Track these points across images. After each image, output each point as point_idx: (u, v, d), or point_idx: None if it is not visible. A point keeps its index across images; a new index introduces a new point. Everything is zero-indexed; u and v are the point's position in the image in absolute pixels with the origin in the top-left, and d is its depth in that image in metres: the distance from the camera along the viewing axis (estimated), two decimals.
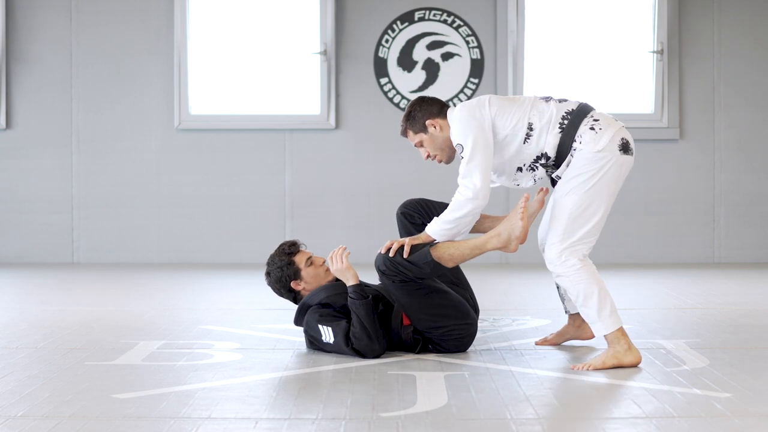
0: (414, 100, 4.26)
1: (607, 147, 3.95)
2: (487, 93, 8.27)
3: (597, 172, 3.96)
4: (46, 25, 8.26)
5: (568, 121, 4.00)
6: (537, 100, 4.10)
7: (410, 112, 4.22)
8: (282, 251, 4.33)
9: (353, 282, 4.10)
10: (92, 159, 8.31)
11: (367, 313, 4.03)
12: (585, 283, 3.95)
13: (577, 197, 3.97)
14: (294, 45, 8.30)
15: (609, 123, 4.01)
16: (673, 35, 8.24)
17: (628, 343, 3.94)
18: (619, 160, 3.97)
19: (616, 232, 8.31)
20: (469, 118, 4.05)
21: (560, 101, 4.08)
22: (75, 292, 6.52)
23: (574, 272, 3.96)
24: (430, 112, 4.20)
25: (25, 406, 3.31)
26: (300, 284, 4.31)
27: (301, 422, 3.12)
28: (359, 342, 4.04)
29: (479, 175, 3.98)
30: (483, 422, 3.16)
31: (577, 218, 3.97)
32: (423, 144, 4.22)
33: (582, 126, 3.99)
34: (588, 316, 3.98)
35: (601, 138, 3.96)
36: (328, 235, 8.20)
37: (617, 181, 4.00)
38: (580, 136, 3.97)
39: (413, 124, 4.22)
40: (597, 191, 3.97)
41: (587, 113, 4.03)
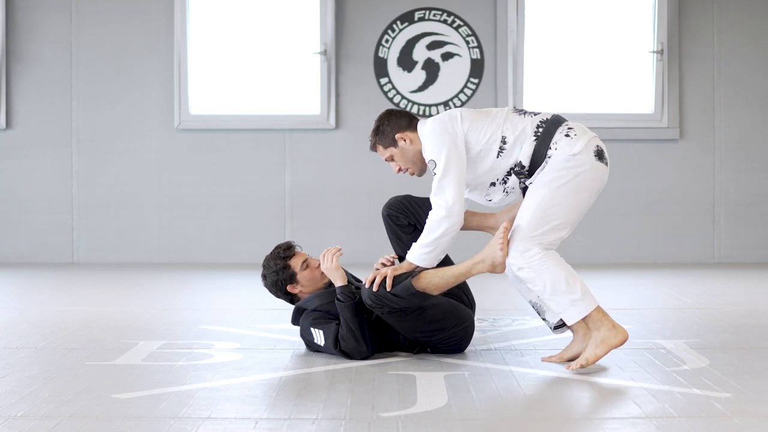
0: (382, 114, 4.19)
1: (583, 151, 3.90)
2: (487, 93, 8.27)
3: (570, 174, 3.88)
4: (46, 25, 8.26)
5: (542, 130, 3.95)
6: (510, 113, 4.02)
7: (378, 126, 4.16)
8: (277, 255, 4.29)
9: (341, 283, 4.10)
10: (92, 159, 8.31)
11: (353, 315, 4.03)
12: (550, 271, 3.83)
13: (548, 191, 3.88)
14: (294, 45, 8.30)
15: (584, 131, 3.98)
16: (673, 35, 8.24)
17: (611, 322, 3.84)
18: (593, 166, 3.90)
19: (616, 232, 8.31)
20: (442, 133, 3.98)
21: (534, 114, 4.03)
22: (75, 292, 6.52)
23: (536, 261, 3.84)
24: (399, 125, 4.13)
25: (25, 406, 3.31)
26: (296, 288, 4.31)
27: (301, 422, 3.12)
28: (346, 344, 4.05)
29: (452, 191, 3.92)
30: (483, 422, 3.16)
31: (544, 212, 3.86)
32: (393, 158, 4.15)
33: (557, 134, 3.94)
34: (559, 305, 3.86)
35: (576, 143, 3.91)
36: (328, 235, 8.20)
37: (590, 188, 3.91)
38: (555, 143, 3.92)
39: (382, 138, 4.15)
40: (568, 191, 3.88)
41: (562, 122, 4.00)
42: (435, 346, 4.16)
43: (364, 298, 4.01)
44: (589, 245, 8.30)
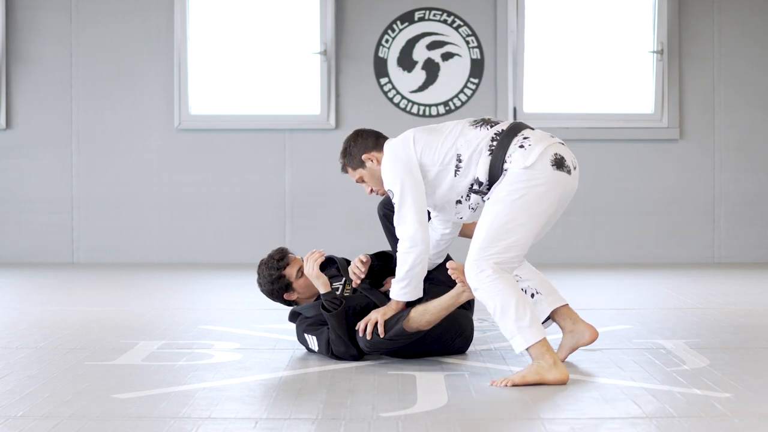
0: (349, 136, 4.15)
1: (537, 162, 3.74)
2: (487, 93, 8.27)
3: (525, 188, 3.72)
4: (46, 25, 8.26)
5: (497, 143, 3.81)
6: (466, 127, 3.91)
7: (346, 148, 4.13)
8: (271, 266, 4.28)
9: (323, 290, 4.11)
10: (92, 159, 8.31)
11: (339, 323, 4.03)
12: (501, 295, 3.68)
13: (501, 208, 3.73)
14: (294, 45, 8.30)
15: (540, 139, 3.81)
16: (673, 35, 8.24)
17: (554, 359, 3.63)
18: (550, 177, 3.74)
19: (616, 232, 8.31)
20: (395, 161, 3.92)
21: (492, 125, 3.90)
22: (75, 292, 6.52)
23: (489, 283, 3.69)
24: (366, 146, 4.09)
25: (25, 406, 3.31)
26: (293, 295, 4.32)
27: (301, 422, 3.12)
28: (337, 348, 4.06)
29: (411, 220, 3.87)
30: (483, 422, 3.16)
31: (498, 230, 3.72)
32: (363, 179, 4.10)
33: (511, 146, 3.79)
34: (506, 331, 3.69)
35: (530, 154, 3.75)
36: (328, 235, 8.20)
37: (548, 200, 3.75)
38: (510, 156, 3.78)
39: (350, 160, 4.12)
40: (523, 207, 3.72)
41: (518, 132, 3.84)
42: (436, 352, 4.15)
43: (360, 345, 4.02)
44: (589, 245, 8.30)
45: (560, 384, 3.60)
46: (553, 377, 3.61)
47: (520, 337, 3.66)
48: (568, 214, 8.22)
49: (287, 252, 4.33)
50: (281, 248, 4.34)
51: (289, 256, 4.31)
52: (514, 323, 3.66)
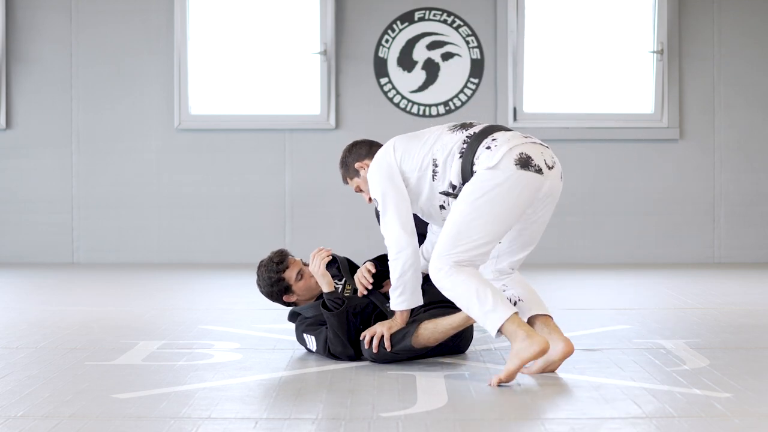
0: (346, 147, 4.21)
1: (501, 163, 3.72)
2: (487, 93, 8.27)
3: (487, 187, 3.72)
4: (46, 25, 8.26)
5: (467, 146, 3.82)
6: (444, 132, 3.92)
7: (343, 159, 4.19)
8: (270, 269, 4.28)
9: (327, 289, 4.10)
10: (92, 159, 8.31)
11: (340, 322, 4.03)
12: (461, 287, 3.68)
13: (464, 207, 3.73)
14: (294, 45, 8.30)
15: (508, 140, 3.79)
16: (673, 35, 8.24)
17: (526, 332, 3.60)
18: (514, 176, 3.71)
19: (616, 232, 8.31)
20: (377, 170, 3.95)
21: (468, 128, 3.90)
22: (75, 292, 6.52)
23: (447, 280, 3.71)
24: (359, 155, 4.14)
25: (25, 406, 3.31)
26: (292, 297, 4.32)
27: (301, 422, 3.12)
28: (334, 348, 4.06)
29: (394, 227, 3.88)
30: (483, 422, 3.16)
31: (460, 229, 3.72)
32: (360, 188, 4.15)
33: (480, 148, 3.79)
34: (478, 319, 3.69)
35: (494, 154, 3.74)
36: (328, 235, 8.20)
37: (511, 199, 3.72)
38: (477, 158, 3.78)
39: (347, 170, 4.18)
40: (485, 205, 3.71)
41: (489, 134, 3.83)
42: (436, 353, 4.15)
43: (365, 355, 4.02)
44: (589, 245, 8.30)
45: (542, 354, 3.58)
46: (531, 352, 3.57)
47: (488, 321, 3.65)
48: (569, 214, 8.24)
49: (287, 255, 4.32)
50: (281, 250, 4.34)
51: (288, 259, 4.30)
52: (479, 310, 3.66)
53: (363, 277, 4.20)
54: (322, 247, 4.20)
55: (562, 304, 5.73)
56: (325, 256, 4.14)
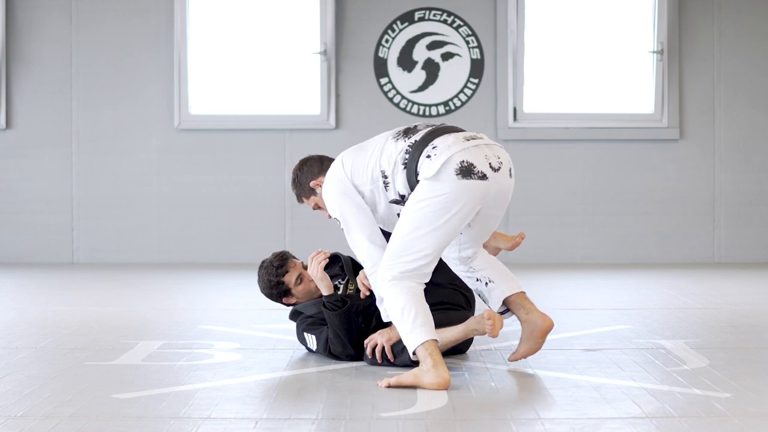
0: (296, 166, 4.16)
1: (440, 173, 3.63)
2: (487, 93, 8.27)
3: (427, 198, 3.65)
4: (46, 25, 8.26)
5: (409, 155, 3.73)
6: (388, 141, 3.83)
7: (294, 179, 4.14)
8: (270, 272, 4.28)
9: (326, 292, 4.09)
10: (92, 159, 8.31)
11: (341, 323, 4.03)
12: (392, 299, 3.67)
13: (405, 219, 3.70)
14: (294, 45, 8.30)
15: (449, 146, 3.67)
16: (673, 35, 8.24)
17: (435, 362, 3.54)
18: (455, 186, 3.62)
19: (616, 232, 8.31)
20: (331, 188, 3.89)
21: (410, 135, 3.79)
22: (75, 292, 6.52)
23: (384, 290, 3.70)
24: (312, 172, 4.10)
25: (25, 406, 3.31)
26: (291, 299, 4.33)
27: (301, 422, 3.12)
28: (335, 347, 4.06)
29: (363, 243, 3.83)
30: (483, 422, 3.16)
31: (401, 241, 3.69)
32: (318, 205, 4.13)
33: (421, 157, 3.69)
34: (398, 326, 3.67)
35: (433, 164, 3.65)
36: (327, 235, 8.19)
37: (455, 209, 3.64)
38: (420, 167, 3.70)
39: (301, 190, 4.13)
40: (425, 217, 3.65)
41: (429, 142, 3.72)
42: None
43: (366, 362, 4.02)
44: (589, 245, 8.30)
45: (437, 389, 3.53)
46: (428, 381, 3.54)
47: (409, 337, 3.63)
48: (569, 214, 8.24)
49: (287, 258, 4.31)
50: (282, 253, 4.33)
51: (289, 263, 4.30)
52: (401, 328, 3.65)
53: (366, 279, 4.20)
54: (320, 249, 4.19)
55: (562, 304, 5.73)
56: (322, 259, 4.12)
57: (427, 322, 3.63)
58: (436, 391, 3.52)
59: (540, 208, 8.19)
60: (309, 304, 4.27)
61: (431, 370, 3.55)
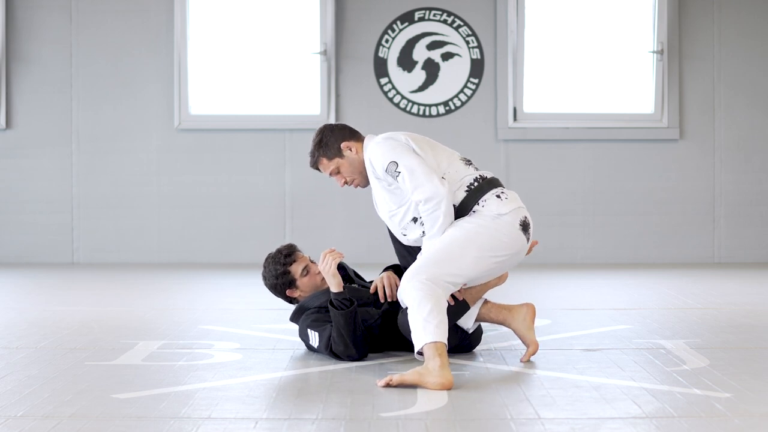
0: (321, 128, 4.15)
1: (509, 215, 3.91)
2: (487, 93, 8.27)
3: (489, 228, 3.87)
4: (46, 25, 8.26)
5: (476, 185, 3.95)
6: (456, 158, 4.03)
7: (321, 139, 4.12)
8: (277, 261, 4.28)
9: (336, 289, 4.07)
10: (92, 159, 8.31)
11: (346, 322, 4.01)
12: (419, 297, 3.72)
13: (458, 233, 3.85)
14: (294, 45, 8.30)
15: (515, 199, 3.99)
16: (673, 35, 8.24)
17: (441, 365, 3.58)
18: (514, 233, 3.91)
19: (616, 232, 8.31)
20: (390, 140, 3.97)
21: (477, 168, 4.05)
22: (75, 292, 6.52)
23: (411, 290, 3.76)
24: (343, 135, 4.11)
25: (25, 406, 3.31)
26: (295, 292, 4.32)
27: (301, 422, 3.12)
28: (337, 347, 4.05)
29: (427, 179, 3.85)
30: (483, 422, 3.16)
31: (451, 255, 3.82)
32: (340, 169, 4.12)
33: (489, 193, 3.95)
34: (415, 321, 3.70)
35: (505, 205, 3.93)
36: (328, 235, 8.20)
37: (500, 251, 3.89)
38: (485, 201, 3.93)
39: (327, 150, 4.11)
40: (479, 241, 3.85)
41: (498, 185, 4.00)
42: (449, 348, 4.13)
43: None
44: (589, 245, 8.30)
45: (440, 389, 3.55)
46: (431, 381, 3.56)
47: (423, 332, 3.66)
48: (569, 214, 8.24)
49: (295, 249, 4.33)
50: (290, 245, 4.35)
51: (296, 254, 4.30)
52: (421, 321, 3.68)
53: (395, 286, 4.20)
54: (333, 248, 4.17)
55: (562, 304, 5.73)
56: (337, 256, 4.10)
57: (441, 325, 3.68)
58: (436, 391, 3.53)
59: (540, 208, 8.18)
60: (313, 296, 4.24)
61: (437, 370, 3.57)
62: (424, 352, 3.64)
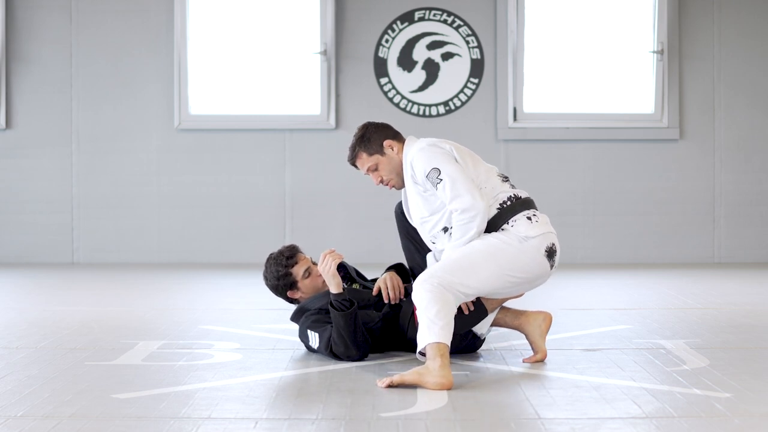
0: (364, 124, 4.16)
1: (537, 238, 3.90)
2: (487, 93, 8.27)
3: (513, 247, 3.87)
4: (46, 25, 8.26)
5: (510, 204, 3.96)
6: (493, 173, 4.04)
7: (363, 134, 4.12)
8: (279, 263, 4.28)
9: (336, 290, 4.06)
10: (92, 159, 8.31)
11: (346, 323, 4.01)
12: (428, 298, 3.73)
13: (482, 250, 3.84)
14: (294, 45, 8.30)
15: (546, 223, 3.98)
16: (673, 35, 8.24)
17: (442, 365, 3.58)
18: (537, 258, 3.90)
19: (616, 232, 8.31)
20: (434, 148, 3.97)
21: (513, 186, 4.05)
22: (75, 292, 6.52)
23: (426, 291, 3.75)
24: (386, 134, 4.12)
25: (25, 406, 3.31)
26: (296, 293, 4.32)
27: (301, 422, 3.12)
28: (337, 348, 4.05)
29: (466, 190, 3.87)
30: (483, 422, 3.16)
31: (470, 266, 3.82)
32: (378, 167, 4.12)
33: (520, 214, 3.95)
34: (422, 321, 3.71)
35: (534, 228, 3.92)
36: (328, 235, 8.20)
37: (522, 271, 3.88)
38: (515, 221, 3.93)
39: (368, 146, 4.11)
40: (500, 257, 3.86)
41: (531, 207, 4.00)
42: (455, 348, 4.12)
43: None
44: (589, 245, 8.30)
45: (440, 389, 3.55)
46: (431, 381, 3.56)
47: (428, 332, 3.65)
48: (569, 214, 8.24)
49: (297, 250, 4.32)
50: (292, 246, 4.35)
51: (298, 255, 4.30)
52: (428, 322, 3.68)
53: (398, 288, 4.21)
54: (333, 249, 4.16)
55: (562, 304, 5.72)
56: (336, 257, 4.10)
57: (447, 327, 3.68)
58: (436, 391, 3.52)
59: (540, 208, 8.12)
60: (313, 298, 4.25)
61: (437, 370, 3.58)
62: (426, 351, 3.65)
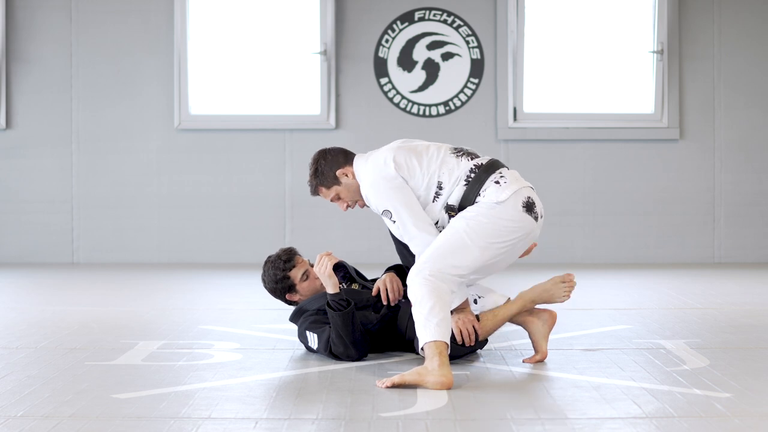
0: (315, 157, 4.13)
1: (509, 200, 3.88)
2: (487, 93, 8.27)
3: (491, 216, 3.85)
4: (46, 25, 8.26)
5: (474, 175, 3.92)
6: (447, 155, 3.98)
7: (316, 168, 4.10)
8: (277, 266, 4.29)
9: (332, 290, 4.06)
10: (92, 159, 8.31)
11: (344, 323, 4.01)
12: (423, 292, 3.74)
13: (461, 225, 3.85)
14: (294, 45, 8.30)
15: (515, 180, 3.95)
16: (673, 35, 8.24)
17: (441, 364, 3.59)
18: (517, 217, 3.87)
19: (616, 232, 8.31)
20: (379, 181, 3.95)
21: (471, 156, 3.99)
22: (75, 292, 6.52)
23: (417, 284, 3.76)
24: (337, 162, 4.08)
25: (25, 406, 3.31)
26: (295, 296, 4.32)
27: (301, 422, 3.12)
28: (336, 348, 4.05)
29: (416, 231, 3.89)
30: (483, 422, 3.16)
31: (450, 245, 3.82)
32: (339, 196, 4.11)
33: (488, 181, 3.91)
34: (417, 319, 3.73)
35: (503, 191, 3.89)
36: (327, 235, 8.20)
37: (507, 237, 3.87)
38: (485, 190, 3.90)
39: (323, 179, 4.10)
40: (483, 232, 3.84)
41: (496, 169, 3.95)
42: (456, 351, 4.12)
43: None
44: (589, 245, 8.30)
45: (440, 389, 3.55)
46: (431, 381, 3.57)
47: (424, 331, 3.67)
48: (569, 214, 8.24)
49: (295, 253, 4.33)
50: (290, 248, 4.35)
51: (296, 258, 4.31)
52: (423, 320, 3.69)
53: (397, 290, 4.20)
54: (330, 251, 4.17)
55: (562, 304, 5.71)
56: (333, 259, 4.10)
57: (442, 323, 3.69)
58: (436, 391, 3.53)
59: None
60: (312, 299, 4.25)
61: (436, 369, 3.58)
62: (425, 351, 3.66)
